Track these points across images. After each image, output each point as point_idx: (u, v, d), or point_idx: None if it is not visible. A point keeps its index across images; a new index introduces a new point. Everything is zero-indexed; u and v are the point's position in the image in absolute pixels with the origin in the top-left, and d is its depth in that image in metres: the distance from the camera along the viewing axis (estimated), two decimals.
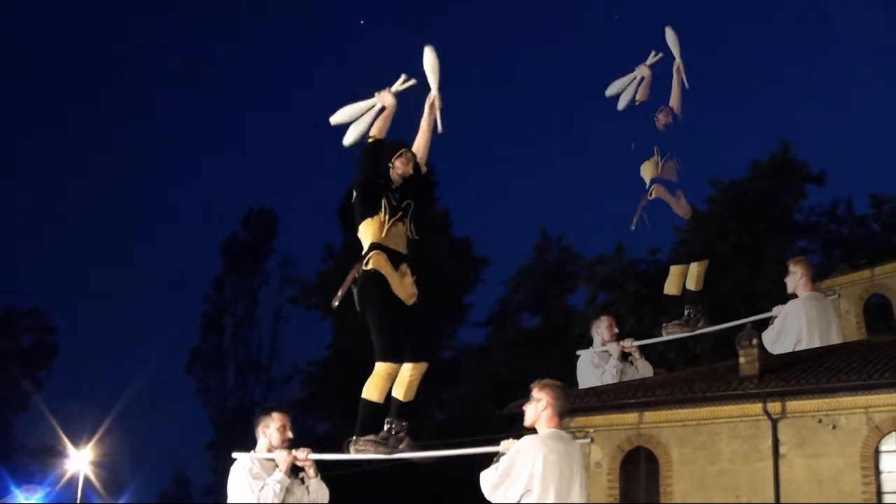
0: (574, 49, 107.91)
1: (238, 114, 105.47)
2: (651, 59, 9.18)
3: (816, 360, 21.60)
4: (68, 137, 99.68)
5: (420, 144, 6.83)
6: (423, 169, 6.84)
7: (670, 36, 9.21)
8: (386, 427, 6.33)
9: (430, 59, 6.80)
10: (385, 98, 6.73)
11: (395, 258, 6.47)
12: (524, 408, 6.03)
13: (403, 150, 6.71)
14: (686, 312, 9.27)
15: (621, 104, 9.06)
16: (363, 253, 6.48)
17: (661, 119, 9.08)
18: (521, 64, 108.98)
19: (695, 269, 9.31)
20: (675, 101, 9.21)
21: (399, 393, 6.40)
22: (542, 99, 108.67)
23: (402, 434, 6.33)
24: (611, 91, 9.10)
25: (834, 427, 19.92)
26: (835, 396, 19.99)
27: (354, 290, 6.43)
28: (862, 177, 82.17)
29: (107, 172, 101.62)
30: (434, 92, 6.80)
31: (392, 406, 6.40)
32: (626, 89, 9.10)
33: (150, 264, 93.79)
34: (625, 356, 9.34)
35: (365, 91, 6.81)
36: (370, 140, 6.66)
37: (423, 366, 6.47)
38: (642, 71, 9.12)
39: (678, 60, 9.23)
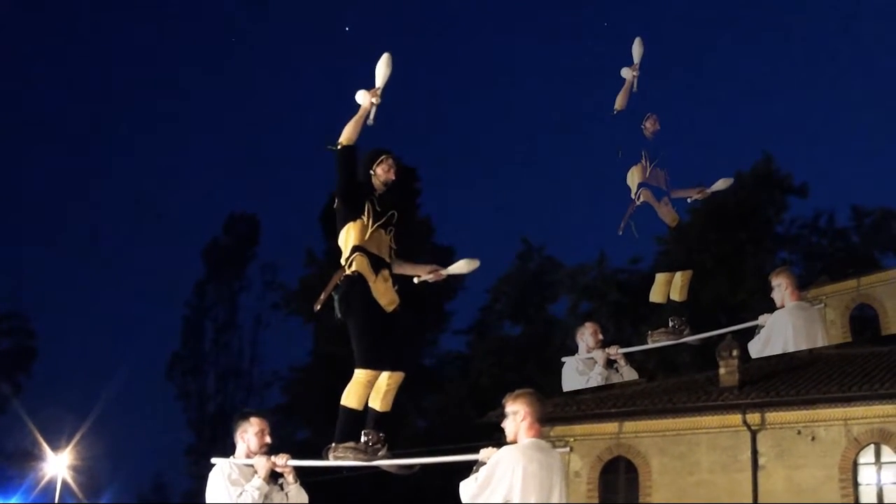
0: (560, 58, 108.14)
1: (220, 118, 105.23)
2: (637, 60, 9.04)
3: (796, 371, 21.71)
4: (50, 144, 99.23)
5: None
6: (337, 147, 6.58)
7: (637, 48, 9.08)
8: (363, 439, 6.29)
9: (383, 63, 6.65)
10: (364, 99, 6.58)
11: (376, 263, 6.42)
12: (503, 425, 5.98)
13: (384, 156, 6.65)
14: (671, 323, 9.25)
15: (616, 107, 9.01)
16: (345, 257, 6.43)
17: (649, 126, 9.04)
18: (505, 71, 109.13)
19: (679, 279, 9.30)
20: (622, 96, 9.07)
21: (376, 403, 6.36)
22: (525, 107, 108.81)
23: (378, 445, 6.29)
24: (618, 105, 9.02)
25: (813, 439, 20.01)
26: (814, 408, 20.10)
27: (335, 296, 6.38)
28: (844, 189, 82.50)
29: (88, 177, 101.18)
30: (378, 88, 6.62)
31: (369, 417, 6.35)
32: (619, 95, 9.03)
33: (131, 268, 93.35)
34: (610, 363, 9.30)
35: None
36: (339, 147, 6.53)
37: (399, 375, 6.42)
38: (626, 74, 9.03)
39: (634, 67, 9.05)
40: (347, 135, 6.54)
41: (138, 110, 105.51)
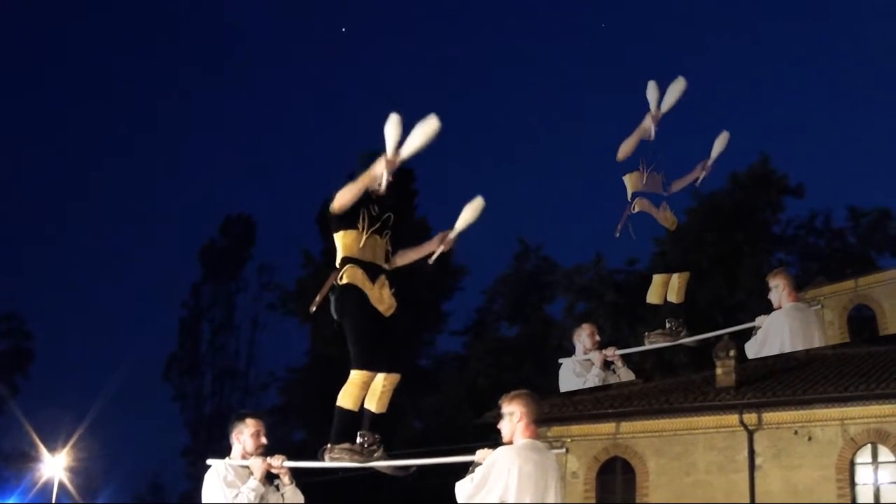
0: (555, 61, 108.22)
1: (220, 119, 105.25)
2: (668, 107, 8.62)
3: (793, 372, 21.72)
4: (50, 144, 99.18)
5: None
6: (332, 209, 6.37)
7: (675, 88, 8.61)
8: (359, 440, 6.27)
9: (392, 124, 6.21)
10: (376, 169, 6.22)
11: (371, 270, 6.38)
12: (499, 426, 5.98)
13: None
14: (668, 325, 9.23)
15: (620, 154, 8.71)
16: (337, 265, 6.41)
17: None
18: (504, 71, 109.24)
19: (676, 280, 9.27)
20: (629, 143, 8.71)
21: (372, 404, 6.35)
22: (523, 108, 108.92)
23: (374, 447, 6.28)
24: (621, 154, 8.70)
25: (810, 439, 20.01)
26: (811, 408, 20.11)
27: (332, 298, 6.36)
28: (840, 189, 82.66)
29: (85, 179, 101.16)
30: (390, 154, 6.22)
31: (365, 418, 6.34)
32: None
33: (128, 270, 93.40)
34: (607, 365, 9.29)
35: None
36: (333, 213, 6.33)
37: (396, 377, 6.41)
38: (647, 123, 8.63)
39: (655, 114, 8.68)
40: (342, 202, 6.28)
41: (138, 110, 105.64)
